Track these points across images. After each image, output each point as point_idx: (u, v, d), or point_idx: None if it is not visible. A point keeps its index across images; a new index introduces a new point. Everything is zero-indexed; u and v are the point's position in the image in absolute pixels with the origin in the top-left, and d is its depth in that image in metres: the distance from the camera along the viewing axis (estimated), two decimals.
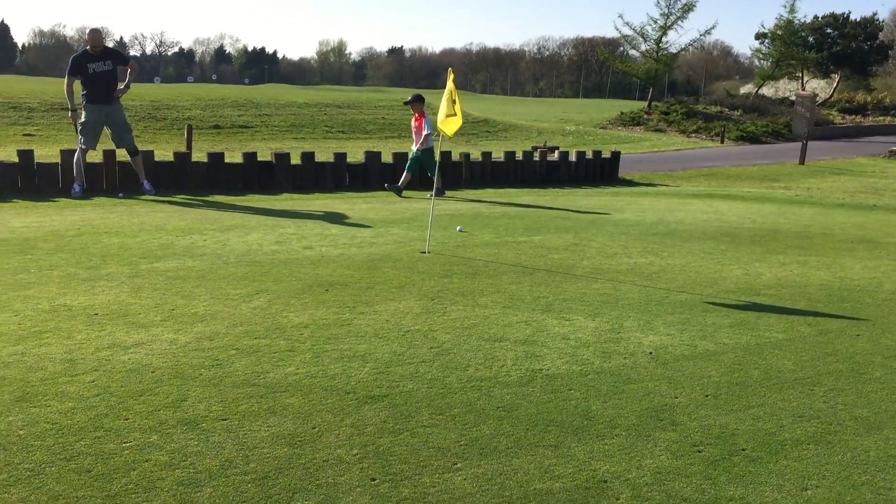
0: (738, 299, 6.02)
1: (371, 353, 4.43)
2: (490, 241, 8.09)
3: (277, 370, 4.10)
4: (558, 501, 2.92)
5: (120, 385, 3.81)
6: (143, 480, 2.93)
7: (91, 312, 4.98)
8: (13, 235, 7.42)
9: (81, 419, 3.41)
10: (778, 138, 40.95)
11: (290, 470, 3.06)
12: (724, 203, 12.78)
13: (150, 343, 4.43)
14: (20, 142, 18.77)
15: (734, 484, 3.10)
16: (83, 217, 8.78)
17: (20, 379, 3.83)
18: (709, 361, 4.55)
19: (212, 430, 3.36)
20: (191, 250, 7.00)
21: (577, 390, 4.00)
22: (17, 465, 2.99)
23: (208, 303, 5.30)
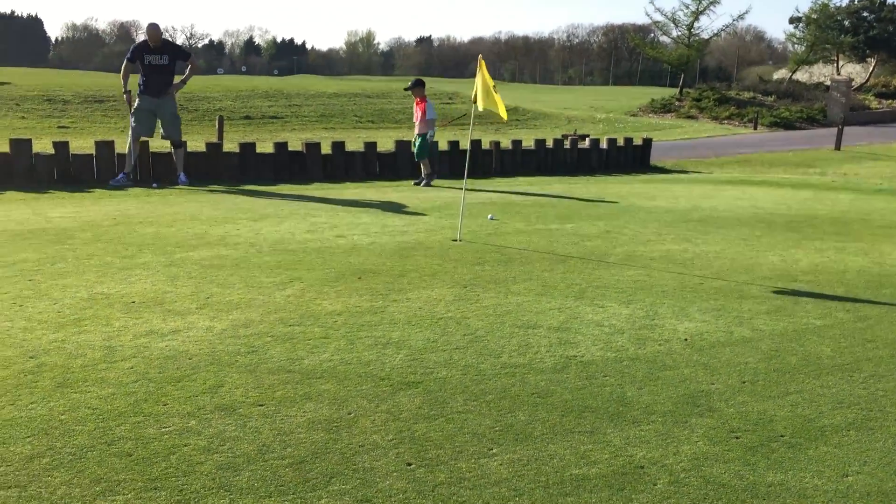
0: (774, 286, 5.95)
1: (405, 340, 4.44)
2: (522, 229, 8.06)
3: (312, 357, 4.12)
4: (595, 487, 2.90)
5: (158, 371, 3.85)
6: (182, 464, 2.97)
7: (128, 300, 5.04)
8: (51, 225, 7.53)
9: (121, 404, 3.46)
10: (813, 124, 40.32)
11: (326, 455, 3.08)
12: (758, 189, 12.62)
13: (187, 330, 4.48)
14: (55, 134, 19.05)
15: (773, 470, 3.06)
16: (119, 207, 8.89)
17: (61, 365, 3.90)
18: (745, 348, 4.50)
19: (249, 416, 3.39)
20: (225, 239, 7.06)
21: (612, 377, 3.98)
22: (60, 450, 3.04)
23: (243, 291, 5.35)
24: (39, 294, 5.14)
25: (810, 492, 2.92)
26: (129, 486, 2.81)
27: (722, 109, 41.73)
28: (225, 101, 25.00)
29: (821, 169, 17.65)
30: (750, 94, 47.40)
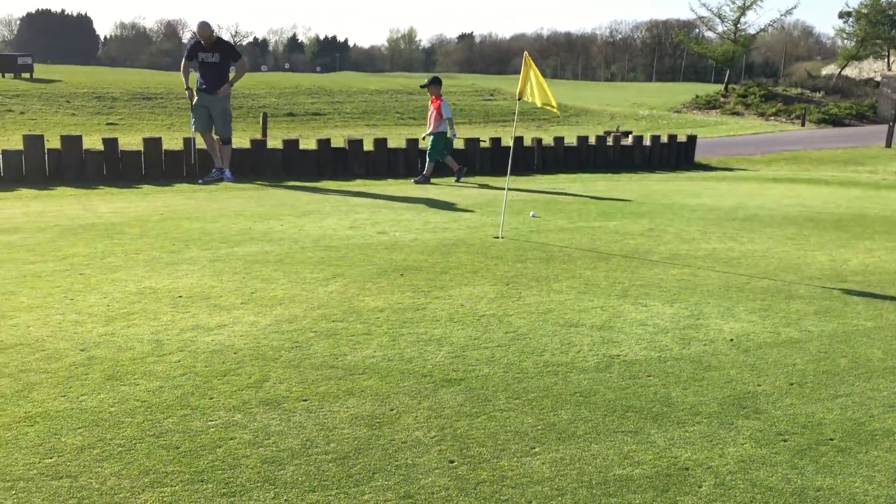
0: (823, 286, 5.83)
1: (447, 336, 4.44)
2: (564, 227, 8.02)
3: (355, 353, 4.15)
4: (639, 488, 2.88)
5: (204, 365, 3.91)
6: (228, 457, 3.01)
7: (175, 295, 5.13)
8: (100, 220, 7.69)
9: (169, 397, 3.52)
10: (862, 121, 39.51)
11: (369, 450, 3.10)
12: (806, 187, 12.39)
13: (232, 325, 4.54)
14: (104, 130, 19.43)
15: (822, 474, 3.01)
16: (165, 203, 9.04)
17: (111, 358, 3.97)
18: (793, 349, 4.42)
19: (293, 411, 3.42)
20: (268, 235, 7.13)
21: (656, 377, 3.94)
22: (109, 441, 3.10)
23: (286, 286, 5.40)
24: (90, 288, 5.24)
25: (860, 497, 2.87)
26: (176, 478, 2.85)
27: (768, 106, 41.08)
28: (269, 98, 25.26)
29: (871, 167, 17.26)
30: (797, 90, 46.61)
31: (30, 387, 3.61)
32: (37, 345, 4.15)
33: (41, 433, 3.17)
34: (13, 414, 3.33)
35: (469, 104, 28.93)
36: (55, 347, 4.11)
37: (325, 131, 21.91)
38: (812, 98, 43.96)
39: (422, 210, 8.95)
